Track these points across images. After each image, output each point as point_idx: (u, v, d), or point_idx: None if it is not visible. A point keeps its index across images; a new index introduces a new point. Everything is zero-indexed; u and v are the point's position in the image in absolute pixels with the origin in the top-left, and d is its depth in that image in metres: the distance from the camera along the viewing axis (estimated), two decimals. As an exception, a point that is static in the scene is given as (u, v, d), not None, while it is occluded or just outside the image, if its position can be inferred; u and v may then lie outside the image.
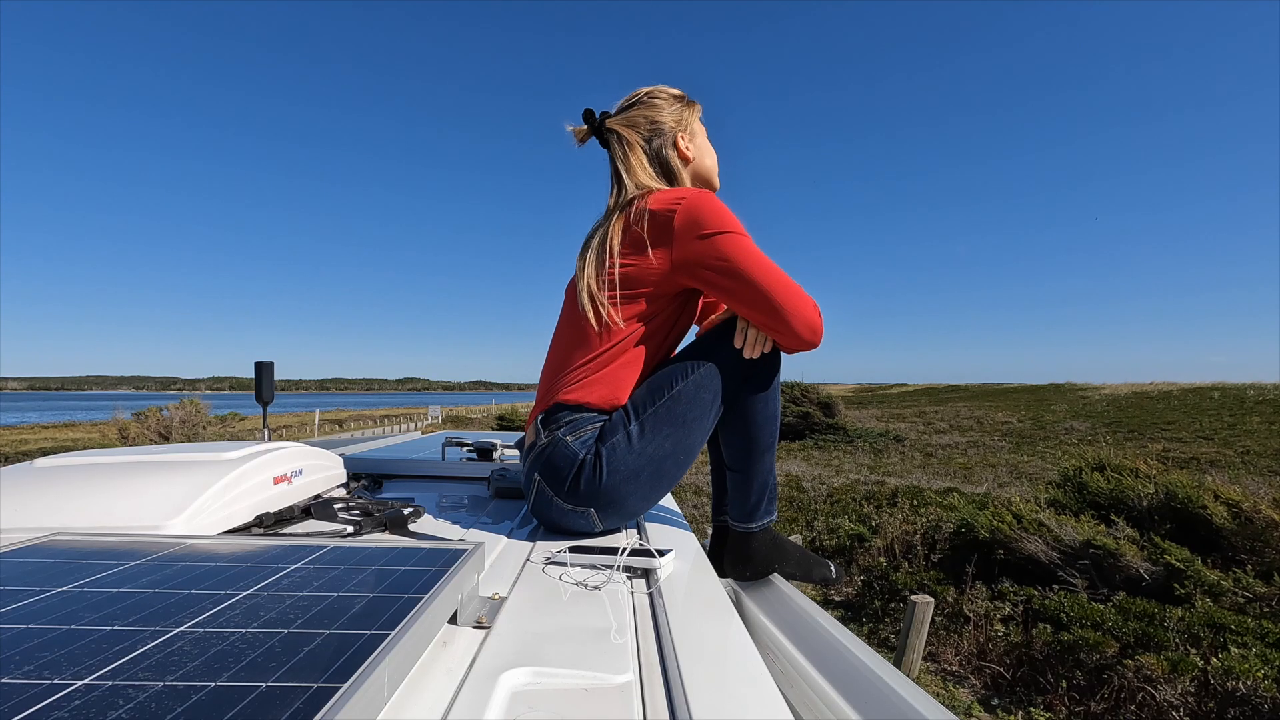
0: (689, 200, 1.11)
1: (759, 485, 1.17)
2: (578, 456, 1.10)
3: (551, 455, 1.11)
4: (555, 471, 1.10)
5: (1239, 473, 9.45)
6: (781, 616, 0.99)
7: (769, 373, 1.14)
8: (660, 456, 1.11)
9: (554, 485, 1.11)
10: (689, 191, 1.14)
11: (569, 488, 1.09)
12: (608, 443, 1.09)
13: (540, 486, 1.13)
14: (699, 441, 1.15)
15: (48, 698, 0.39)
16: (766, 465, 1.17)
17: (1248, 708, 2.52)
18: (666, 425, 1.11)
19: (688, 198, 1.12)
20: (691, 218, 1.10)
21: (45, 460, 1.10)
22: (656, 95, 1.29)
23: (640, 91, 1.30)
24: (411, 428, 28.29)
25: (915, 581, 4.28)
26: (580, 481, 1.08)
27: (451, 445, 1.95)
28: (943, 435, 17.76)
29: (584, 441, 1.12)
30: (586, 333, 1.16)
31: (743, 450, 1.16)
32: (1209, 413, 17.37)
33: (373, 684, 0.43)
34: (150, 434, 16.17)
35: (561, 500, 1.10)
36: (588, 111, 1.28)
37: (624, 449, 1.09)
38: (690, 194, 1.13)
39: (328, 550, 0.76)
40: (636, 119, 1.26)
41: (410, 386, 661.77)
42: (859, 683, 0.73)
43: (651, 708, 0.54)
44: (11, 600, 0.56)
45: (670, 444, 1.11)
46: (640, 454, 1.09)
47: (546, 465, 1.12)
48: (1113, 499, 4.69)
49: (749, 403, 1.14)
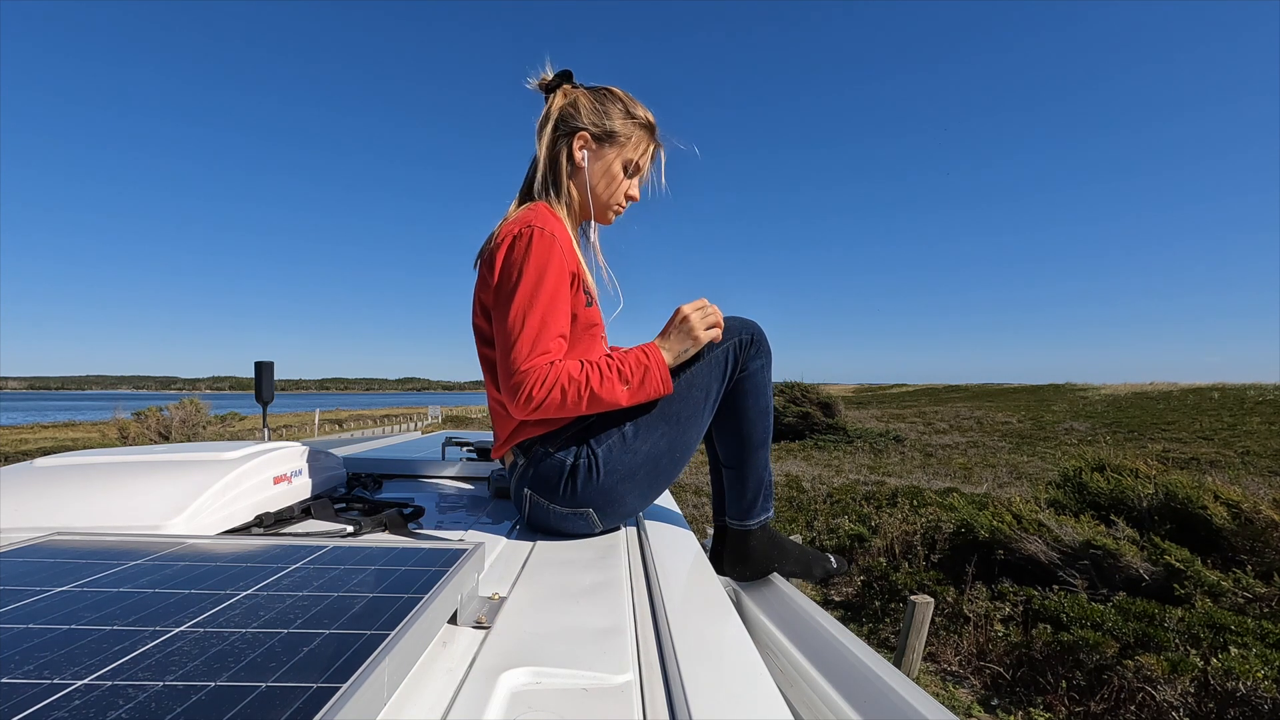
0: (512, 231, 1.07)
1: (754, 482, 1.17)
2: (565, 462, 1.09)
3: (538, 469, 1.11)
4: (545, 482, 1.10)
5: (1239, 473, 9.45)
6: (781, 616, 0.99)
7: (759, 369, 1.14)
8: (656, 455, 1.11)
9: (547, 495, 1.10)
10: (530, 221, 1.07)
11: (565, 492, 1.09)
12: (603, 444, 1.09)
13: (533, 499, 1.12)
14: (694, 438, 1.15)
15: (48, 697, 0.39)
16: (761, 461, 1.17)
17: (1247, 708, 2.52)
18: (660, 424, 1.11)
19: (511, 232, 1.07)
20: (501, 251, 1.07)
21: (45, 460, 1.10)
22: (614, 98, 1.21)
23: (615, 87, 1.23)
24: (411, 428, 28.28)
25: (915, 582, 4.28)
26: (575, 484, 1.08)
27: (451, 445, 1.95)
28: (943, 435, 17.76)
29: (568, 451, 1.11)
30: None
31: (736, 446, 1.17)
32: (1209, 413, 17.36)
33: (373, 684, 0.43)
34: (150, 434, 16.17)
35: (559, 506, 1.10)
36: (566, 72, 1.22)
37: (619, 449, 1.09)
38: (523, 224, 1.07)
39: (327, 550, 0.75)
40: (579, 97, 1.20)
41: (410, 386, 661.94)
42: (859, 682, 0.73)
43: (651, 708, 0.54)
44: (11, 600, 0.56)
45: (665, 442, 1.11)
46: (636, 453, 1.09)
47: (535, 479, 1.11)
48: (1113, 499, 4.69)
49: (741, 399, 1.14)
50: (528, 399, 1.02)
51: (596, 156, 1.21)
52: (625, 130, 1.20)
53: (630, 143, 1.22)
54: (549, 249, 1.05)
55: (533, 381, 1.01)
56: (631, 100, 1.23)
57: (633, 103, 1.22)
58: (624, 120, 1.20)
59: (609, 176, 1.22)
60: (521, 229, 1.06)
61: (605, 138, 1.20)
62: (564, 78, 1.22)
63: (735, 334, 1.14)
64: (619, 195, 1.25)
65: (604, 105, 1.20)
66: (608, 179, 1.22)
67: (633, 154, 1.23)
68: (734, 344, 1.13)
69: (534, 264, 1.04)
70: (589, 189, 1.21)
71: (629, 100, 1.22)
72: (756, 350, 1.14)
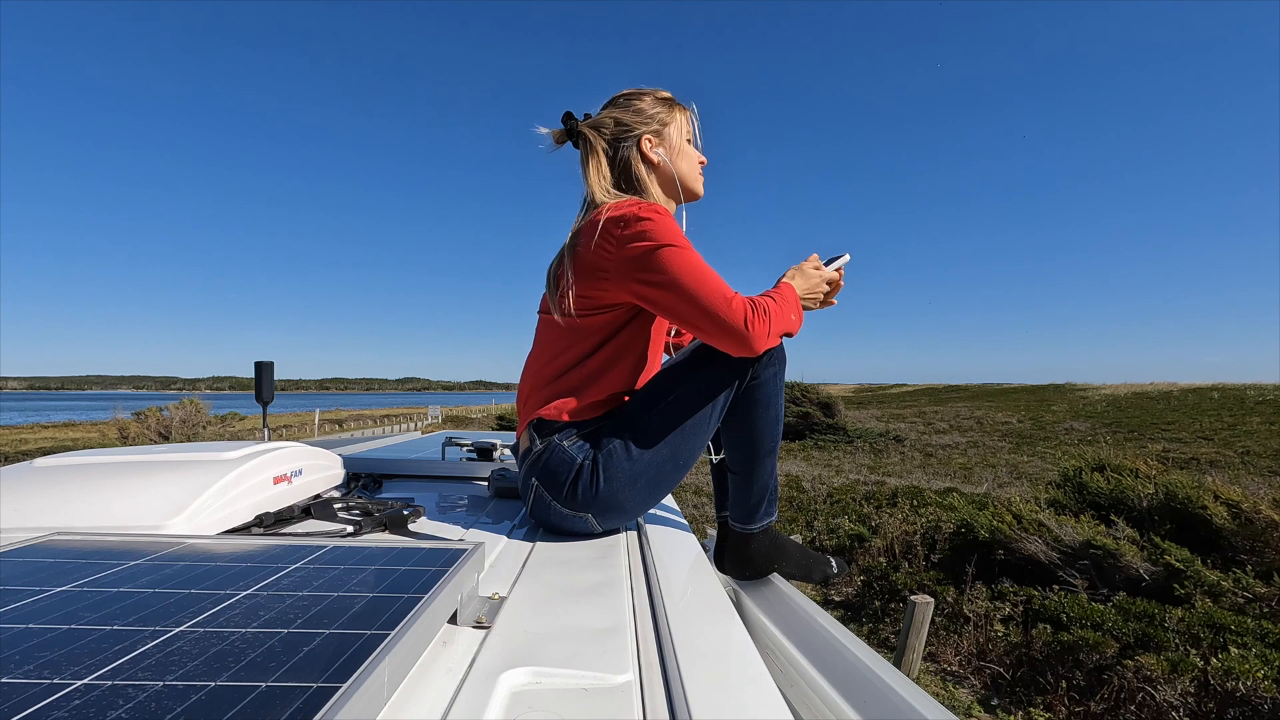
0: (629, 215, 1.07)
1: (759, 488, 1.16)
2: (575, 461, 1.09)
3: (549, 461, 1.11)
4: (553, 477, 1.10)
5: (1239, 473, 9.45)
6: (781, 616, 0.99)
7: (770, 378, 1.12)
8: (658, 463, 1.10)
9: (552, 491, 1.10)
10: (634, 206, 1.09)
11: (567, 493, 1.09)
12: (604, 450, 1.09)
13: (538, 492, 1.12)
14: (698, 447, 1.14)
15: (47, 697, 0.39)
16: (768, 468, 1.16)
17: (1247, 708, 2.52)
18: (665, 432, 1.10)
19: (627, 214, 1.08)
20: (629, 232, 1.07)
21: (45, 460, 1.10)
22: (634, 97, 1.24)
23: (619, 93, 1.26)
24: (411, 428, 28.28)
25: (915, 582, 4.28)
26: (578, 487, 1.08)
27: (451, 445, 1.95)
28: (943, 435, 17.75)
29: (580, 446, 1.11)
30: (567, 340, 1.15)
31: (744, 454, 1.15)
32: (1209, 413, 17.37)
33: (373, 684, 0.43)
34: (150, 434, 16.17)
35: (560, 505, 1.10)
36: (567, 114, 1.24)
37: (621, 456, 1.08)
38: (632, 209, 1.08)
39: (328, 550, 0.75)
40: (604, 121, 1.22)
41: (410, 386, 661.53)
42: (859, 682, 0.73)
43: (651, 708, 0.54)
44: (11, 600, 0.56)
45: (668, 450, 1.10)
46: (638, 461, 1.09)
47: (544, 471, 1.11)
48: (1113, 499, 4.69)
49: (751, 408, 1.12)
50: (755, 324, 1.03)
51: (667, 146, 1.26)
52: (665, 114, 1.25)
53: (674, 120, 1.27)
54: (673, 225, 1.09)
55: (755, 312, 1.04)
56: (642, 90, 1.27)
57: (646, 90, 1.27)
58: (657, 106, 1.25)
59: (683, 155, 1.28)
60: (643, 209, 1.08)
61: (660, 129, 1.25)
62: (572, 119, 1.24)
63: None
64: (696, 166, 1.31)
65: (635, 106, 1.23)
66: (684, 158, 1.28)
67: (684, 127, 1.28)
68: None
69: (671, 233, 1.07)
70: (677, 176, 1.26)
71: (642, 90, 1.26)
72: (769, 358, 1.11)
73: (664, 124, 1.25)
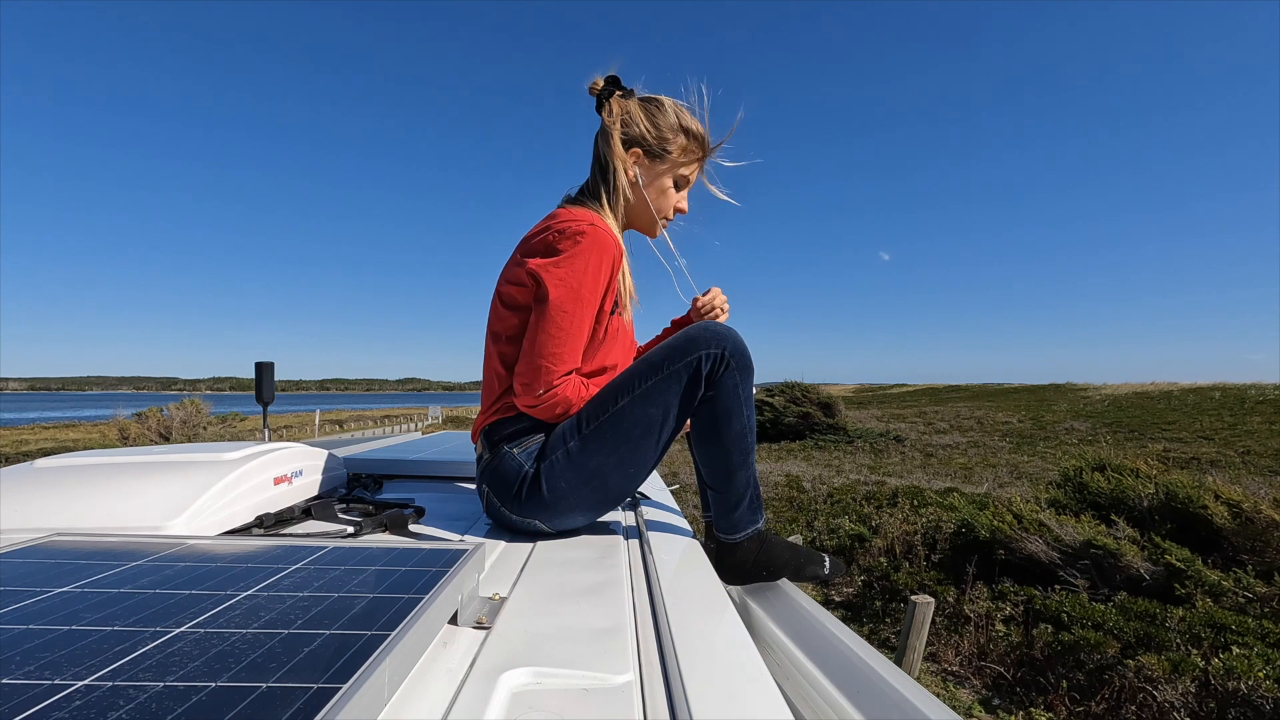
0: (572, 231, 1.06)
1: (736, 500, 1.12)
2: (523, 469, 1.09)
3: (498, 468, 1.12)
4: (503, 484, 1.11)
5: (1239, 473, 9.45)
6: (782, 615, 0.99)
7: (731, 388, 1.06)
8: (603, 471, 1.07)
9: (501, 497, 1.11)
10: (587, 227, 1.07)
11: (514, 499, 1.10)
12: (547, 459, 1.08)
13: (489, 497, 1.14)
14: (650, 455, 1.10)
15: (48, 698, 0.39)
16: (743, 480, 1.11)
17: (1248, 708, 2.52)
18: (610, 439, 1.07)
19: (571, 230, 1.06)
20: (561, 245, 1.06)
21: (45, 460, 1.10)
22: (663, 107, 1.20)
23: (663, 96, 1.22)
24: (411, 428, 28.29)
25: (916, 582, 4.28)
26: (523, 494, 1.08)
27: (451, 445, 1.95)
28: (943, 435, 17.75)
29: (529, 453, 1.11)
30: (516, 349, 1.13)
31: (716, 468, 1.12)
32: (1209, 413, 17.36)
33: (373, 684, 0.43)
34: (150, 434, 16.17)
35: (509, 511, 1.11)
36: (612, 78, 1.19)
37: (562, 464, 1.07)
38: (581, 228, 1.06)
39: (328, 551, 0.76)
40: (630, 109, 1.18)
41: (410, 387, 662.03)
42: (860, 681, 0.73)
43: (651, 707, 0.54)
44: (12, 601, 0.56)
45: (614, 459, 1.07)
46: (581, 469, 1.07)
47: (494, 478, 1.12)
48: (1113, 499, 4.69)
49: (714, 422, 1.08)
50: (538, 401, 1.08)
51: (649, 171, 1.21)
52: (676, 144, 1.20)
53: (681, 158, 1.21)
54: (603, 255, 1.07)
55: (553, 388, 1.07)
56: (681, 110, 1.21)
57: (683, 113, 1.21)
58: (675, 133, 1.20)
59: (660, 191, 1.22)
60: (585, 228, 1.07)
61: (658, 153, 1.20)
62: (613, 84, 1.20)
63: (702, 347, 1.03)
64: (668, 209, 1.25)
65: (654, 119, 1.19)
66: (659, 193, 1.22)
67: (684, 168, 1.22)
68: (698, 359, 1.03)
69: (590, 269, 1.06)
70: (643, 202, 1.21)
71: (679, 111, 1.21)
72: (727, 368, 1.04)
73: (665, 151, 1.20)
